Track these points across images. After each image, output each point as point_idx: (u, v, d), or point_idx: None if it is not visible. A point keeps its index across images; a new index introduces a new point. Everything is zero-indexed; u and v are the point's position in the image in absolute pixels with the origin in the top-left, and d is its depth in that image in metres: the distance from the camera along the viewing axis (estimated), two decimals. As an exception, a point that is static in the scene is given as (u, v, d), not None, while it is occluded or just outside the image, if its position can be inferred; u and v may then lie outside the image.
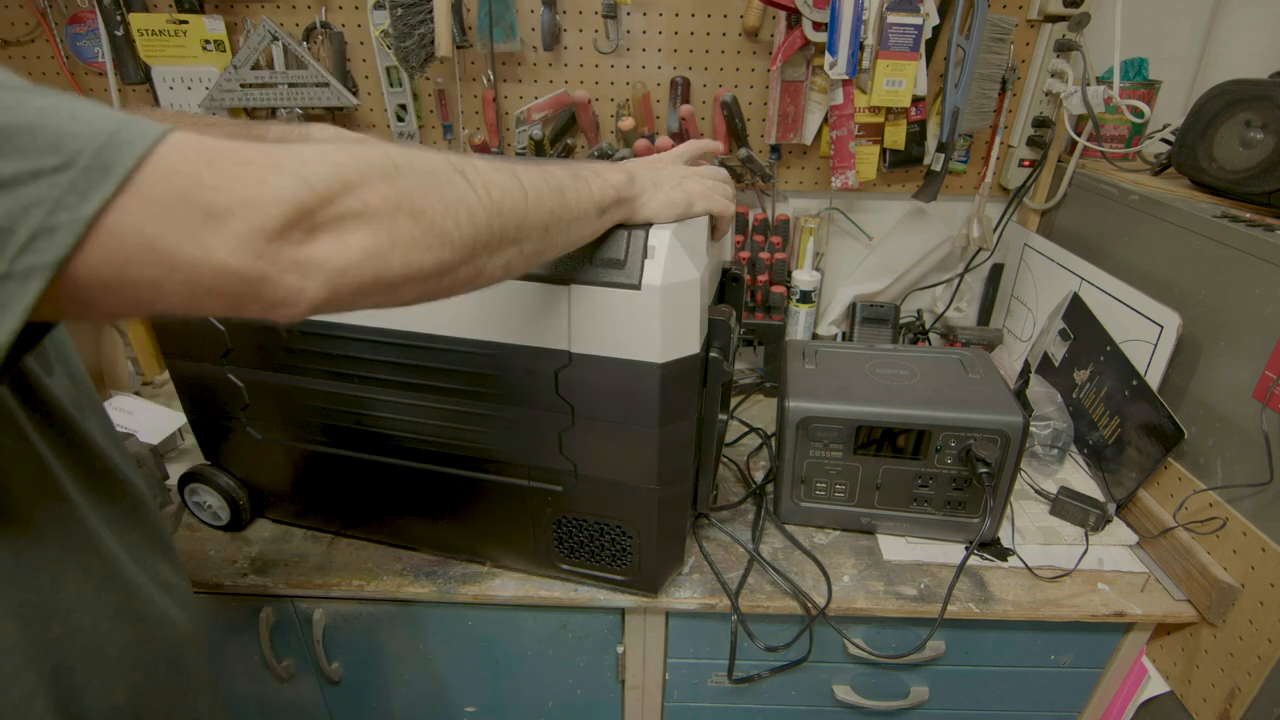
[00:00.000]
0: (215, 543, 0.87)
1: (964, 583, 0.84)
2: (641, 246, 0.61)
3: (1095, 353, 0.97)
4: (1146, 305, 0.89)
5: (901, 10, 1.02)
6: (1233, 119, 0.87)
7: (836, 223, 1.29)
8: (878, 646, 0.87)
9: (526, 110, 1.16)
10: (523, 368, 0.67)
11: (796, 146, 1.20)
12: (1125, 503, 0.91)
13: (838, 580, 0.84)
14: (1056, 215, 1.19)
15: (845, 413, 0.83)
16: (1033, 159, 1.19)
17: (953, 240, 1.26)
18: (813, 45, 1.05)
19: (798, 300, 1.23)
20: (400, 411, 0.74)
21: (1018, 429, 0.80)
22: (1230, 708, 0.77)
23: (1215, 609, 0.78)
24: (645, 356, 0.64)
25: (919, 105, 1.13)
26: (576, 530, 0.78)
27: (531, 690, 0.96)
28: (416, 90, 1.17)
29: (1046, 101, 1.15)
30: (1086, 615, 0.81)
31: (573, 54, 1.14)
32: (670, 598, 0.82)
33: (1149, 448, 0.87)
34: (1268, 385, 0.73)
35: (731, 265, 0.87)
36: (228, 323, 0.74)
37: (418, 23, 1.05)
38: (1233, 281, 0.80)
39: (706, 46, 1.13)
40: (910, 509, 0.87)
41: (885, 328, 1.26)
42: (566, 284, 0.62)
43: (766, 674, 0.91)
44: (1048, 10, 1.07)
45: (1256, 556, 0.74)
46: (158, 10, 1.12)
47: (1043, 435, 0.99)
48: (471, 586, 0.82)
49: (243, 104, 1.14)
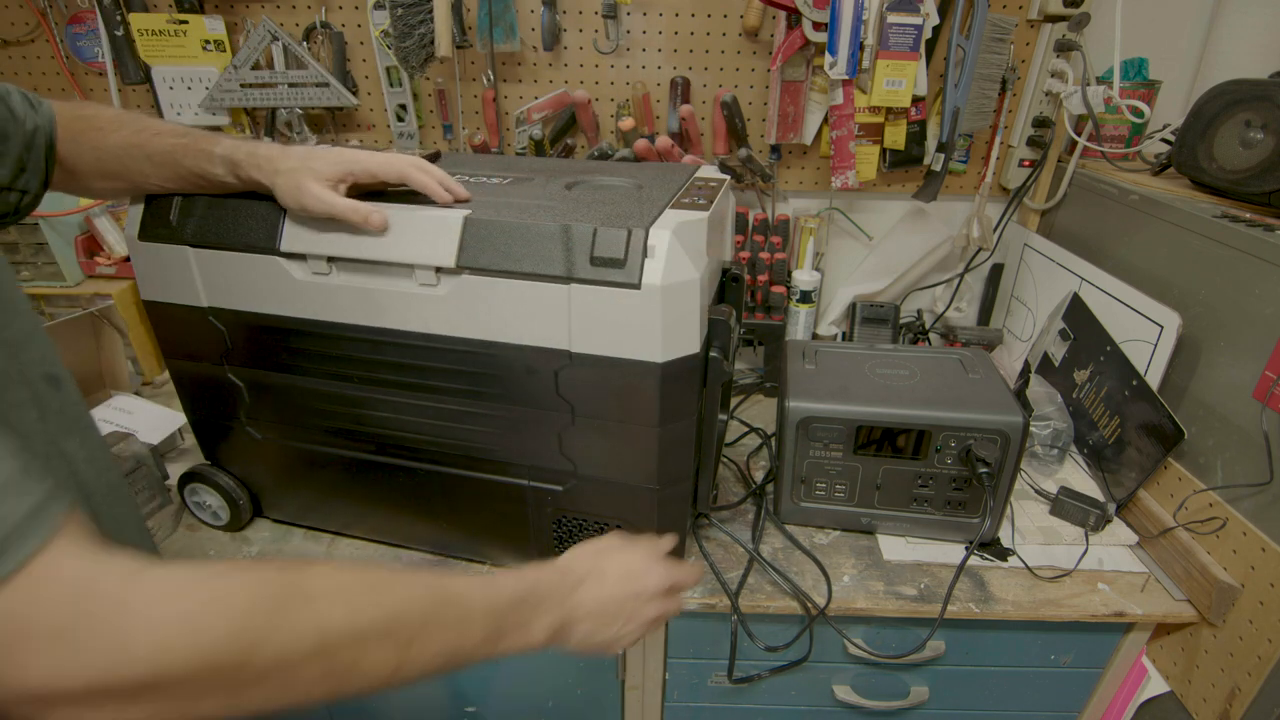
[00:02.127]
0: (215, 543, 0.87)
1: (964, 583, 0.84)
2: (641, 246, 0.61)
3: (1095, 353, 0.97)
4: (1146, 305, 0.89)
5: (901, 10, 1.02)
6: (1233, 119, 0.87)
7: (836, 223, 1.29)
8: (878, 646, 0.87)
9: (526, 110, 1.16)
10: (523, 367, 0.67)
11: (796, 146, 1.20)
12: (1125, 503, 0.91)
13: (838, 580, 0.84)
14: (1056, 215, 1.19)
15: (845, 413, 0.83)
16: (1033, 159, 1.19)
17: (953, 240, 1.26)
18: (813, 45, 1.05)
19: (798, 300, 1.23)
20: (400, 411, 0.74)
21: (1018, 429, 0.80)
22: (1230, 708, 0.77)
23: (1215, 609, 0.78)
24: (645, 356, 0.64)
25: (919, 105, 1.13)
26: (576, 530, 0.78)
27: (531, 690, 0.96)
28: (416, 90, 1.17)
29: (1046, 101, 1.15)
30: (1086, 615, 0.81)
31: (573, 54, 1.14)
32: (670, 598, 0.82)
33: (1149, 448, 0.87)
34: (1268, 385, 0.73)
35: (731, 265, 0.87)
36: (228, 323, 0.74)
37: (418, 23, 1.05)
38: (1233, 281, 0.80)
39: (706, 46, 1.13)
40: (910, 509, 0.87)
41: (885, 328, 1.26)
42: (566, 283, 0.62)
43: (766, 674, 0.91)
44: (1048, 10, 1.07)
45: (1256, 556, 0.74)
46: (158, 10, 1.12)
47: (1043, 435, 0.99)
48: (471, 586, 0.82)
49: (243, 104, 1.14)
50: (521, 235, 0.63)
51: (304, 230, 0.67)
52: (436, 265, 0.65)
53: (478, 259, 0.64)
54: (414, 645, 0.44)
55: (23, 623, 0.33)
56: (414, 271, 0.66)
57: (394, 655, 0.43)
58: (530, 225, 0.63)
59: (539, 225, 0.63)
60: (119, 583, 0.35)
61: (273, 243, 0.68)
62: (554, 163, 0.95)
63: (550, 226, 0.63)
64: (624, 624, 0.59)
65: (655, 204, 0.69)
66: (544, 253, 0.63)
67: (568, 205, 0.69)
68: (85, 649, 0.33)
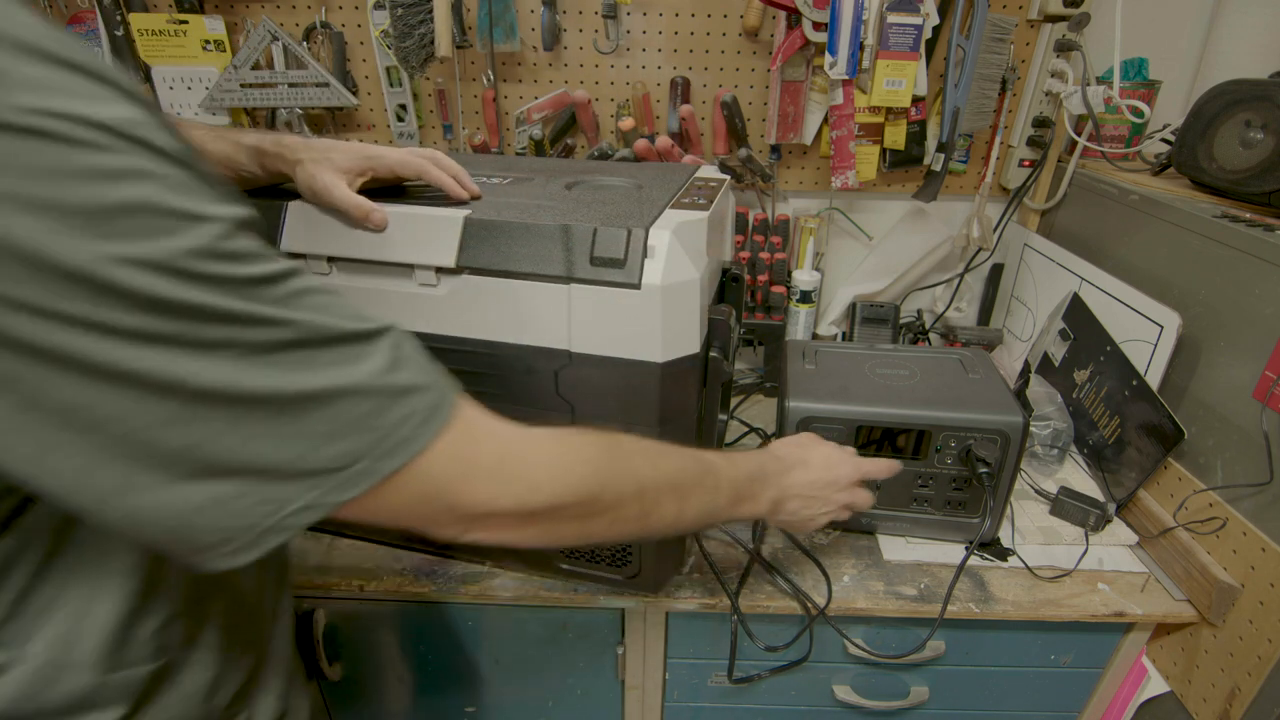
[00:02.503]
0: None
1: (964, 583, 0.84)
2: (641, 246, 0.61)
3: (1095, 353, 0.97)
4: (1146, 305, 0.89)
5: (901, 10, 1.02)
6: (1233, 119, 0.87)
7: (836, 223, 1.29)
8: (878, 646, 0.87)
9: (526, 110, 1.16)
10: (523, 367, 0.67)
11: (796, 146, 1.20)
12: (1125, 503, 0.91)
13: (838, 580, 0.84)
14: (1056, 215, 1.19)
15: (845, 413, 0.83)
16: (1033, 159, 1.19)
17: (953, 240, 1.26)
18: (813, 45, 1.05)
19: (798, 300, 1.23)
20: (400, 411, 0.74)
21: (1018, 429, 0.80)
22: (1230, 708, 0.77)
23: (1215, 609, 0.78)
24: (645, 356, 0.64)
25: (919, 105, 1.13)
26: (576, 530, 0.78)
27: (531, 690, 0.96)
28: (416, 90, 1.17)
29: (1046, 101, 1.15)
30: (1086, 615, 0.81)
31: (573, 54, 1.14)
32: (670, 598, 0.82)
33: (1149, 448, 0.87)
34: (1268, 385, 0.73)
35: (731, 265, 0.87)
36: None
37: (418, 23, 1.05)
38: (1233, 281, 0.80)
39: (706, 46, 1.13)
40: (910, 509, 0.87)
41: (885, 328, 1.26)
42: (567, 283, 0.62)
43: (766, 674, 0.91)
44: (1048, 10, 1.07)
45: (1256, 556, 0.74)
46: (158, 10, 1.12)
47: (1043, 435, 0.99)
48: (471, 586, 0.82)
49: (243, 104, 1.14)
50: (521, 235, 0.63)
51: (303, 230, 0.67)
52: (436, 265, 0.65)
53: (478, 259, 0.64)
54: (689, 499, 0.55)
55: (469, 462, 0.42)
56: (414, 271, 0.66)
57: (676, 505, 0.54)
58: (530, 225, 0.63)
59: (539, 225, 0.63)
60: (518, 436, 0.45)
61: (272, 243, 0.68)
62: (554, 163, 0.95)
63: (550, 226, 0.63)
64: (821, 505, 0.69)
65: (655, 204, 0.69)
66: (544, 253, 0.63)
67: (568, 205, 0.69)
68: (510, 482, 0.43)
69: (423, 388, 0.40)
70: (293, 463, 0.35)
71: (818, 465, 0.69)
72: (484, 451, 0.42)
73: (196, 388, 0.32)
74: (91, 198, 0.28)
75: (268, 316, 0.33)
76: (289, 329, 0.34)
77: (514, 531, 0.45)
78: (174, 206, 0.31)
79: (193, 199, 0.32)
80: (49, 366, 0.29)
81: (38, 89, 0.28)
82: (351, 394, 0.36)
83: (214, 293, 0.32)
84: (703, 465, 0.57)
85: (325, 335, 0.36)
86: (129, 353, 0.30)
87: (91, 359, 0.29)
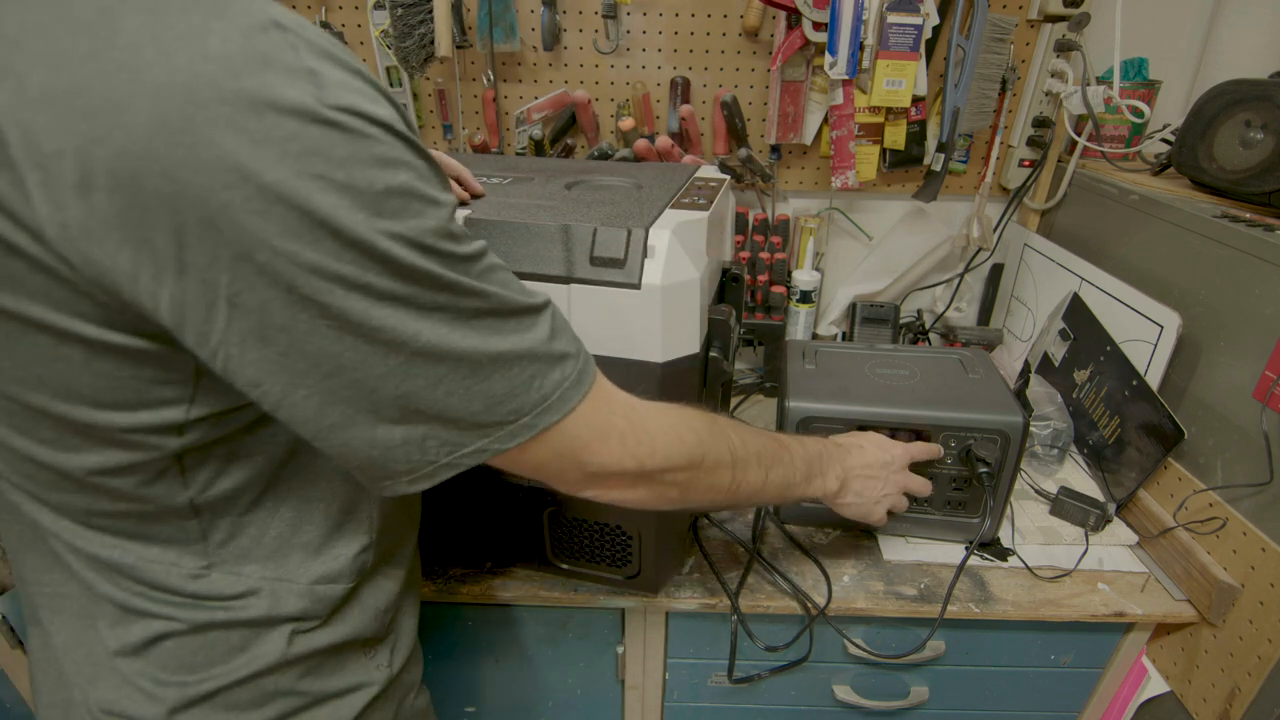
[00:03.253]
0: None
1: (964, 583, 0.84)
2: (641, 246, 0.61)
3: (1095, 353, 0.97)
4: (1146, 305, 0.89)
5: (901, 10, 1.02)
6: (1233, 119, 0.87)
7: (836, 223, 1.29)
8: (878, 646, 0.87)
9: (526, 110, 1.16)
10: (523, 367, 0.67)
11: (796, 146, 1.20)
12: (1125, 503, 0.91)
13: (838, 580, 0.84)
14: (1056, 215, 1.19)
15: (845, 413, 0.83)
16: (1033, 159, 1.19)
17: (953, 240, 1.26)
18: (813, 45, 1.05)
19: (798, 300, 1.23)
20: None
21: (1018, 429, 0.80)
22: (1230, 708, 0.77)
23: (1215, 609, 0.78)
24: (645, 356, 0.64)
25: (919, 105, 1.13)
26: (576, 530, 0.78)
27: (531, 690, 0.96)
28: (416, 90, 1.17)
29: (1046, 101, 1.15)
30: (1086, 615, 0.81)
31: (573, 54, 1.14)
32: (670, 598, 0.82)
33: (1149, 448, 0.87)
34: (1268, 385, 0.73)
35: (731, 265, 0.87)
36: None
37: (418, 23, 1.05)
38: (1233, 281, 0.80)
39: (706, 46, 1.13)
40: (910, 509, 0.87)
41: (885, 328, 1.26)
42: (567, 283, 0.62)
43: (766, 674, 0.91)
44: (1048, 10, 1.07)
45: (1256, 556, 0.74)
46: (158, 10, 1.12)
47: (1043, 435, 0.99)
48: (471, 586, 0.82)
49: (243, 104, 1.14)
50: (521, 235, 0.63)
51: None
52: (436, 265, 0.65)
53: (478, 259, 0.64)
54: (771, 471, 0.61)
55: (604, 425, 0.47)
56: (414, 271, 0.66)
57: (761, 475, 0.60)
58: (530, 225, 0.63)
59: (539, 225, 0.63)
60: (641, 405, 0.51)
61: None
62: (554, 163, 0.95)
63: (550, 226, 0.63)
64: (882, 486, 0.74)
65: (655, 204, 0.69)
66: (544, 253, 0.63)
67: (568, 205, 0.69)
68: (634, 445, 0.49)
69: (573, 355, 0.45)
70: (475, 415, 0.41)
71: (872, 448, 0.75)
72: (617, 416, 0.48)
73: (417, 346, 0.38)
74: (373, 181, 0.34)
75: (474, 288, 0.39)
76: (487, 299, 0.40)
77: (626, 490, 0.51)
78: (424, 192, 0.37)
79: (433, 186, 0.38)
80: (317, 318, 0.35)
81: (340, 89, 0.33)
82: (525, 358, 0.42)
83: (442, 265, 0.38)
84: (779, 443, 0.64)
85: (510, 306, 0.42)
86: (378, 311, 0.36)
87: (350, 314, 0.35)
